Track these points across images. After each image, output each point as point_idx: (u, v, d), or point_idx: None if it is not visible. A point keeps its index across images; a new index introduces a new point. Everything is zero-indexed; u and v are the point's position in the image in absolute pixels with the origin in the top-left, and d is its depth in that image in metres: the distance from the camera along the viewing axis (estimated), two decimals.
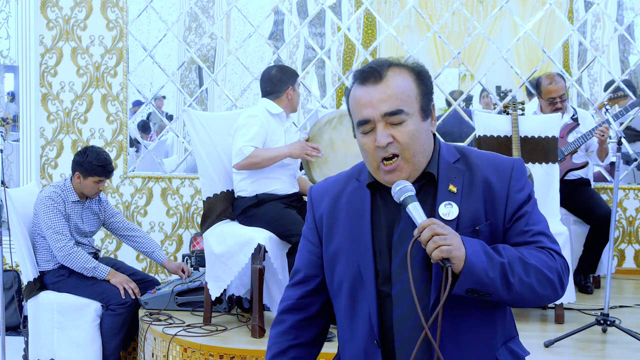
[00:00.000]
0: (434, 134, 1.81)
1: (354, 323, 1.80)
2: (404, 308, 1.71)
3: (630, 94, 5.83)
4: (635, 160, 5.53)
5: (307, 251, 1.90)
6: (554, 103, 4.64)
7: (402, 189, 1.69)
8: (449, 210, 1.72)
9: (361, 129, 1.73)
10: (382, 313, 1.75)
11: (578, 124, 4.67)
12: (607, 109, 4.07)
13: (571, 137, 4.66)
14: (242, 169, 3.86)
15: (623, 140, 3.84)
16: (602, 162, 4.73)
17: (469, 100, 8.56)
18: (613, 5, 7.25)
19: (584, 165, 4.68)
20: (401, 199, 1.69)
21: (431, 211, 1.73)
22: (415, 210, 1.66)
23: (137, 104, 6.94)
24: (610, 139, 4.74)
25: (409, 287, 1.65)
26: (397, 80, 1.71)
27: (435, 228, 1.60)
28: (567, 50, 7.85)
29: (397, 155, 1.71)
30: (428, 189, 1.76)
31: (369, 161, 1.75)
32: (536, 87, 4.76)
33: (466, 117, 5.82)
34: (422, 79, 1.75)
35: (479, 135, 4.36)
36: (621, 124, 5.57)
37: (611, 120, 4.01)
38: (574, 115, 4.73)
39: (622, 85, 5.70)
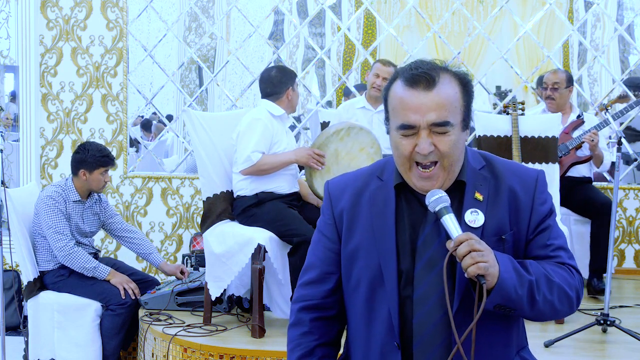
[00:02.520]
0: None
1: (371, 322, 1.78)
2: (425, 312, 1.71)
3: (631, 94, 5.83)
4: (635, 160, 5.53)
5: (324, 247, 1.86)
6: (545, 89, 4.76)
7: (438, 199, 1.67)
8: (475, 217, 1.72)
9: (402, 131, 1.69)
10: (401, 314, 1.74)
11: (584, 122, 4.69)
12: (607, 109, 4.07)
13: (576, 134, 4.68)
14: (249, 174, 3.88)
15: (623, 140, 3.84)
16: (598, 168, 4.74)
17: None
18: (613, 5, 7.25)
19: (589, 158, 4.69)
20: (436, 209, 1.67)
21: (457, 217, 1.71)
22: (452, 223, 1.65)
23: (143, 119, 6.95)
24: (609, 138, 4.74)
25: (432, 291, 1.68)
26: (447, 89, 1.68)
27: (473, 244, 1.60)
28: (567, 50, 7.86)
29: (435, 163, 1.69)
30: (454, 194, 1.74)
31: (401, 162, 1.72)
32: (540, 83, 4.84)
33: None
34: (467, 89, 1.73)
35: (479, 135, 4.36)
36: (621, 124, 5.57)
37: (611, 120, 4.02)
38: (580, 114, 4.76)
39: (624, 87, 5.70)
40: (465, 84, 1.72)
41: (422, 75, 1.67)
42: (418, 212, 1.75)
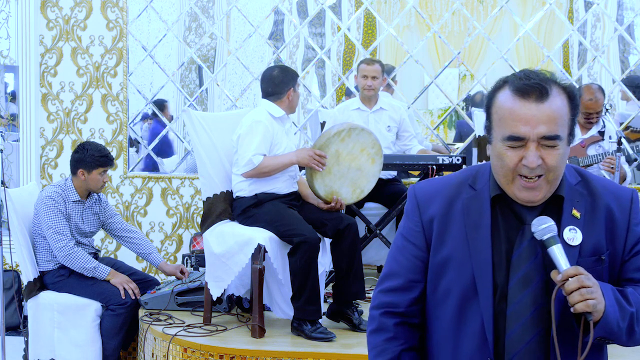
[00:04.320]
0: None
1: (460, 336, 1.74)
2: (519, 328, 1.68)
3: (631, 94, 5.84)
4: (635, 160, 5.53)
5: (411, 255, 1.80)
6: (589, 118, 4.62)
7: (546, 228, 1.64)
8: (573, 235, 1.69)
9: (509, 142, 1.64)
10: (495, 330, 1.71)
11: (602, 139, 4.65)
12: (607, 109, 4.07)
13: (592, 150, 4.63)
14: (251, 177, 3.88)
15: (623, 140, 3.83)
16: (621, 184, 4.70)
17: (467, 100, 8.56)
18: (613, 5, 7.24)
19: None
20: (544, 238, 1.64)
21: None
22: (561, 254, 1.62)
23: (145, 117, 6.93)
24: (610, 138, 4.72)
25: (526, 308, 1.67)
26: (558, 102, 1.64)
27: (582, 280, 1.58)
28: (567, 50, 7.85)
29: (541, 176, 1.66)
30: (551, 209, 1.70)
31: (504, 173, 1.67)
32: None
33: (466, 118, 5.82)
34: (574, 103, 1.68)
35: (479, 135, 4.36)
36: (621, 123, 5.57)
37: (612, 121, 4.01)
38: (602, 128, 4.69)
39: (623, 87, 5.70)
40: (572, 98, 1.67)
41: (535, 86, 1.62)
42: (514, 226, 1.71)
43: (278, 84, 3.99)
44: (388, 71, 5.89)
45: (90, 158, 4.19)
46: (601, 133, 4.67)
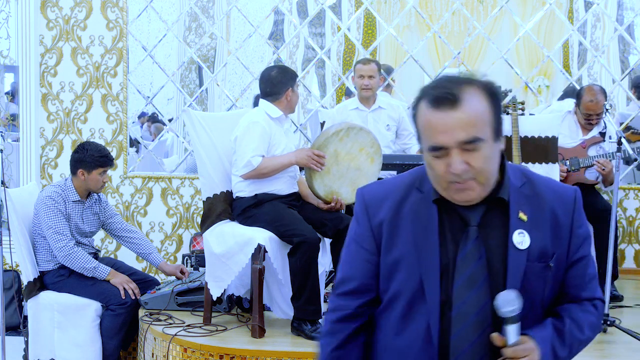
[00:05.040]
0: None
1: (406, 336, 1.76)
2: (463, 329, 1.70)
3: (630, 94, 5.84)
4: (635, 160, 5.53)
5: (363, 259, 1.81)
6: (589, 119, 4.61)
7: (513, 310, 1.65)
8: (522, 239, 1.69)
9: (434, 153, 1.65)
10: (440, 330, 1.72)
11: (603, 140, 4.64)
12: (606, 109, 4.06)
13: (592, 151, 4.62)
14: (250, 178, 3.88)
15: (623, 140, 3.83)
16: (605, 187, 4.70)
17: None
18: (613, 5, 7.24)
19: (595, 183, 4.65)
20: (507, 316, 1.65)
21: (503, 239, 1.70)
22: (515, 332, 1.65)
23: (144, 115, 6.95)
24: (610, 138, 4.71)
25: (470, 309, 1.69)
26: (473, 104, 1.62)
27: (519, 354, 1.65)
28: (567, 50, 7.85)
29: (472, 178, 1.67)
30: (495, 213, 1.71)
31: (437, 181, 1.69)
32: (577, 96, 4.70)
33: None
34: (495, 98, 1.68)
35: None
36: (621, 123, 5.57)
37: (612, 122, 4.01)
38: (603, 129, 4.68)
39: (623, 87, 5.69)
40: (492, 94, 1.67)
41: (443, 95, 1.62)
42: (459, 227, 1.72)
43: (276, 84, 3.98)
44: (387, 71, 5.90)
45: (90, 158, 4.19)
46: (602, 134, 4.66)
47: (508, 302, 1.65)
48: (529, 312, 1.71)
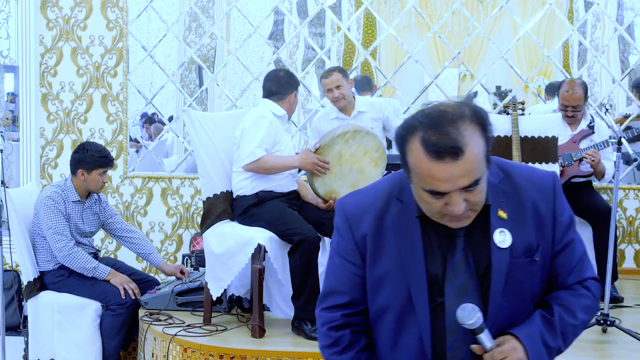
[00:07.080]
0: None
1: (399, 350, 1.75)
2: (457, 340, 1.69)
3: (631, 94, 5.84)
4: (635, 160, 5.53)
5: (350, 273, 1.78)
6: (565, 110, 4.62)
7: (475, 323, 1.64)
8: (503, 237, 1.68)
9: (431, 195, 1.59)
10: (433, 343, 1.71)
11: (593, 132, 4.64)
12: (606, 109, 4.06)
13: (584, 144, 4.63)
14: (251, 171, 3.89)
15: (623, 140, 3.83)
16: (599, 180, 4.71)
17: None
18: (613, 5, 7.24)
19: (590, 174, 4.65)
20: (472, 327, 1.64)
21: (484, 240, 1.68)
22: (487, 338, 1.65)
23: (145, 115, 6.95)
24: (610, 139, 4.72)
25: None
26: (472, 147, 1.55)
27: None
28: (567, 50, 7.86)
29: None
30: (477, 216, 1.68)
31: (431, 214, 1.65)
32: (558, 87, 4.74)
33: None
34: (486, 128, 1.61)
35: None
36: (621, 124, 5.57)
37: (611, 121, 4.01)
38: (590, 122, 4.69)
39: (623, 87, 5.69)
40: (484, 125, 1.60)
41: (448, 149, 1.53)
42: (445, 237, 1.69)
43: (283, 84, 4.03)
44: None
45: (90, 158, 4.19)
46: (591, 127, 4.67)
47: (467, 315, 1.64)
48: (520, 308, 1.71)
